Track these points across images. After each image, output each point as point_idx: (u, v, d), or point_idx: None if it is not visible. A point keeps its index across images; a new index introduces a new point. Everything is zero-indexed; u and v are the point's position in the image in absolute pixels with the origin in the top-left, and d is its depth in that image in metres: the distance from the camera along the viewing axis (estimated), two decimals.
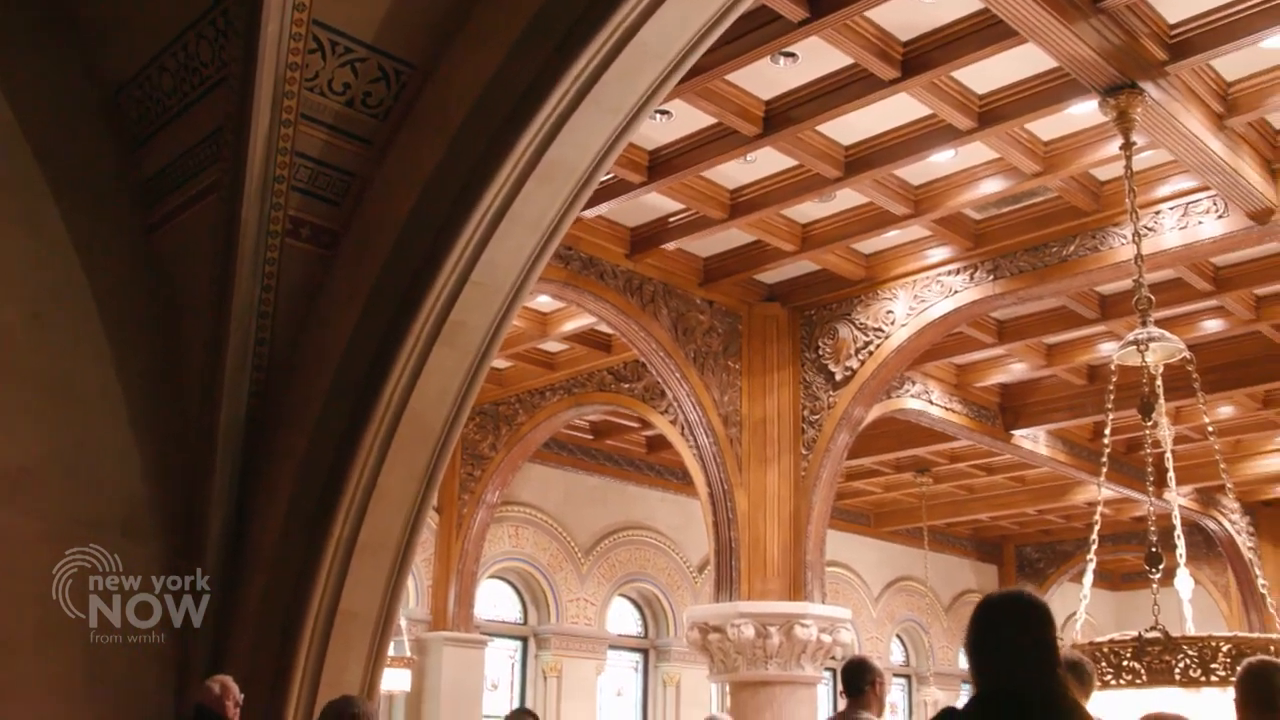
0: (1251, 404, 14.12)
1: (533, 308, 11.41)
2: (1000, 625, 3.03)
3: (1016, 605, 3.06)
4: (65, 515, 5.93)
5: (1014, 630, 2.99)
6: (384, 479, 5.98)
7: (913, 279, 10.23)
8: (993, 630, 3.02)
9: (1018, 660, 2.96)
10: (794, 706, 10.13)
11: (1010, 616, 3.03)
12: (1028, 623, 3.01)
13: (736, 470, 10.54)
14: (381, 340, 5.82)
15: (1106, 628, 20.88)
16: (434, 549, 13.80)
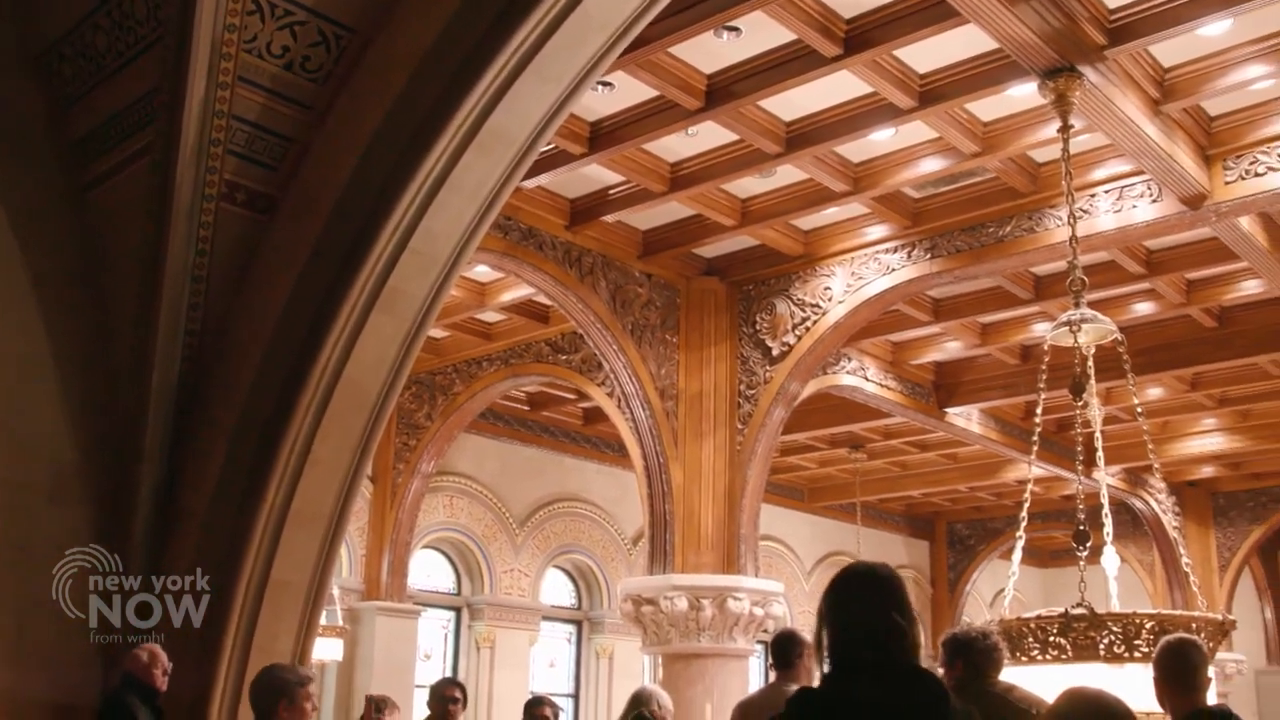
0: (1180, 386, 14.35)
1: (471, 277, 11.36)
2: (856, 597, 3.09)
3: (872, 578, 3.13)
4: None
5: (867, 602, 3.06)
6: (318, 447, 5.93)
7: (851, 256, 10.28)
8: (850, 602, 3.09)
9: (871, 631, 3.02)
10: (726, 678, 10.19)
11: (867, 589, 3.10)
12: (882, 595, 3.07)
13: (672, 443, 10.57)
14: (317, 307, 5.76)
15: (1034, 604, 21.20)
16: (368, 518, 13.73)
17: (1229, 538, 19.80)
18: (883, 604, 3.06)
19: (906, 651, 3.02)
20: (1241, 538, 19.73)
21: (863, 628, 3.04)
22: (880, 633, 3.02)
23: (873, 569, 3.17)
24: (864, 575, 3.15)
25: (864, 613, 3.06)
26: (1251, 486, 19.69)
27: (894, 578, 3.13)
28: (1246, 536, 19.71)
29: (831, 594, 3.13)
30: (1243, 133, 8.58)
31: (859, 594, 3.10)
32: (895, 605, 3.06)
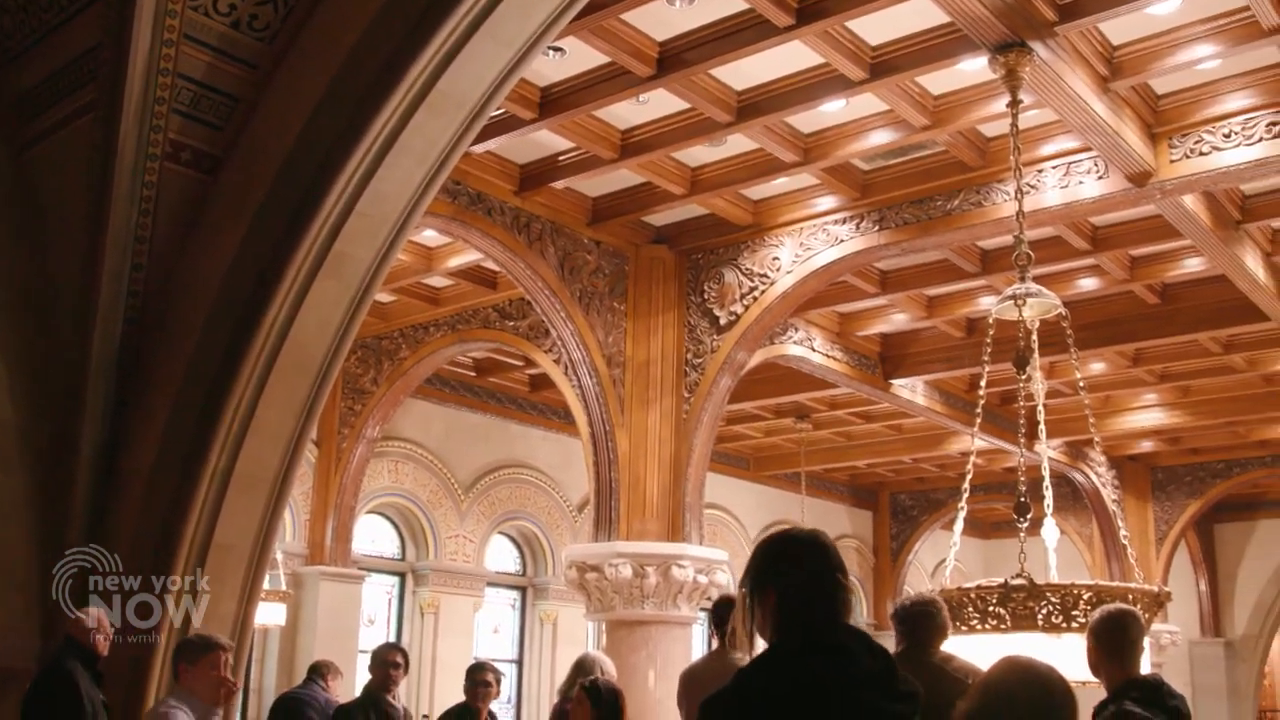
0: (1122, 362, 14.51)
1: (418, 242, 11.28)
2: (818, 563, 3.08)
3: (824, 543, 3.13)
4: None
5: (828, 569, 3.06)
6: (262, 411, 5.89)
7: (799, 226, 10.30)
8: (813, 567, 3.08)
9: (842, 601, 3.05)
10: (669, 646, 10.24)
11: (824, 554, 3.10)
12: (836, 562, 3.08)
13: (618, 411, 10.57)
14: (262, 269, 5.71)
15: (975, 574, 21.50)
16: (312, 483, 13.66)
17: (1166, 511, 20.12)
18: (838, 570, 3.05)
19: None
20: (1179, 512, 20.05)
21: (830, 598, 3.03)
22: (843, 602, 3.02)
23: (819, 534, 3.15)
24: (817, 541, 3.12)
25: (829, 581, 3.04)
26: (1189, 461, 20.00)
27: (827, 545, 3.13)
28: (1183, 511, 20.03)
29: (788, 560, 3.10)
30: (1189, 111, 8.66)
31: (820, 560, 3.08)
32: (844, 572, 3.05)
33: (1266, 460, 19.61)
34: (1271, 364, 14.90)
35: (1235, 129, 8.40)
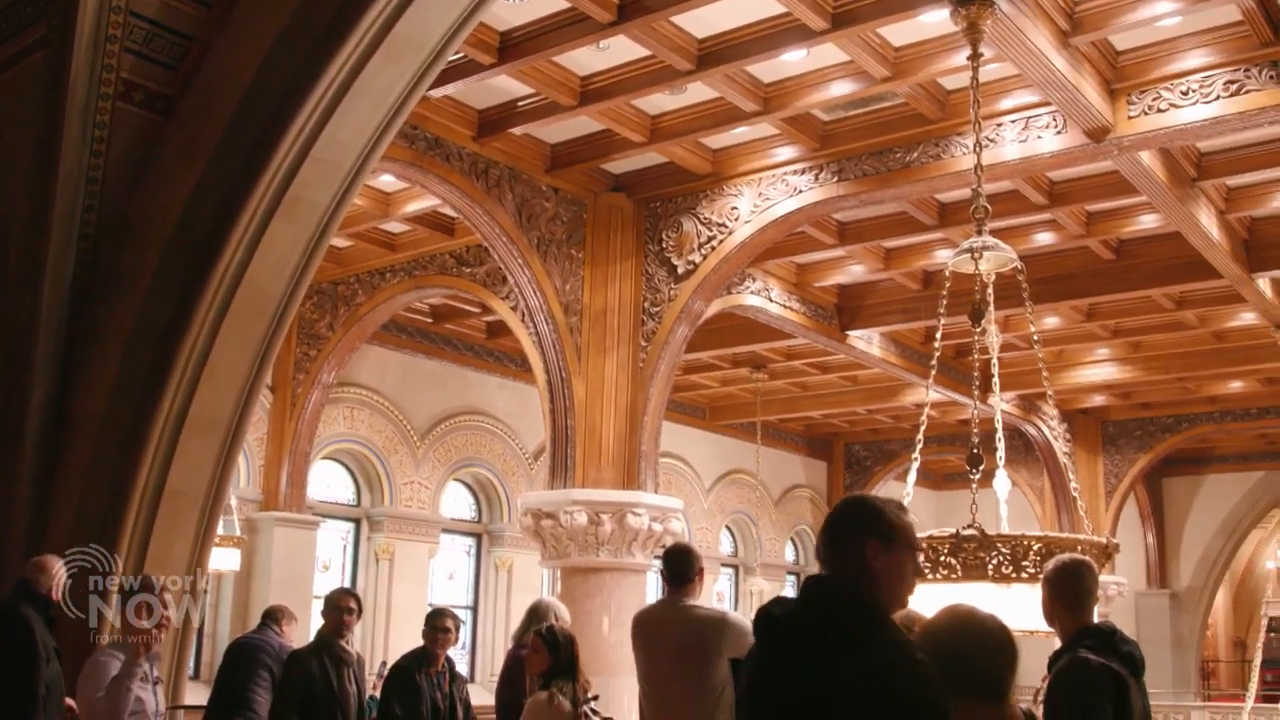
0: (1076, 316, 14.63)
1: (375, 186, 11.19)
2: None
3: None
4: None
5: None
6: (216, 355, 5.85)
7: (758, 176, 10.28)
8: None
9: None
10: (623, 593, 10.30)
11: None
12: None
13: (575, 359, 10.56)
14: (217, 212, 5.65)
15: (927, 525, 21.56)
16: (267, 428, 13.60)
17: (1116, 465, 20.39)
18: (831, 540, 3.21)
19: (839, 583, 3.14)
20: (1128, 465, 20.32)
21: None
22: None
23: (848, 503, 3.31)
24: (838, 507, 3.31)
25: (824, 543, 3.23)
26: (1140, 416, 20.26)
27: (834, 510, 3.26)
28: (1133, 464, 20.31)
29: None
30: (1148, 68, 8.68)
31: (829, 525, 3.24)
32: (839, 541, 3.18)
33: (1215, 416, 19.89)
34: (1222, 321, 15.07)
35: (1193, 87, 8.44)
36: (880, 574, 3.13)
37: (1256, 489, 23.49)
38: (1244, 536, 24.87)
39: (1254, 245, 11.90)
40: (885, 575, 3.13)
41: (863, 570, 3.12)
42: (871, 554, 3.12)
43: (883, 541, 3.14)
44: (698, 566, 6.40)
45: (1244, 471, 23.54)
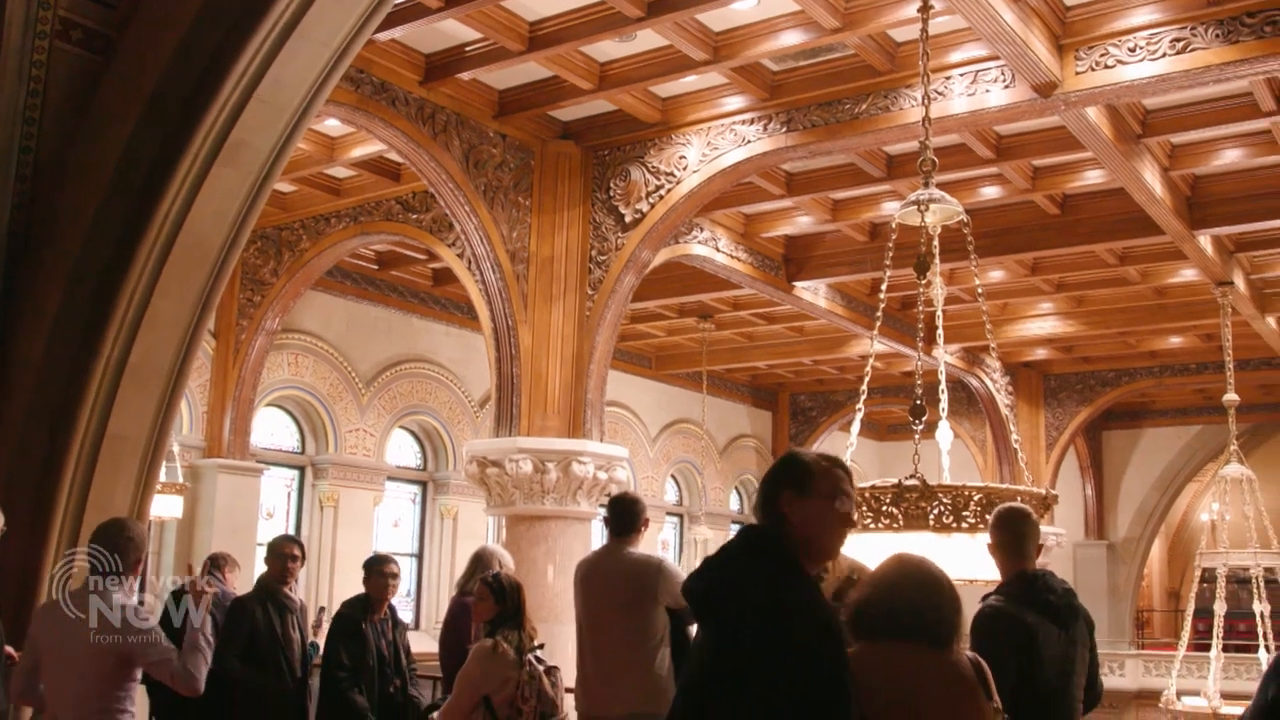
0: (1020, 270, 14.74)
1: (320, 131, 11.06)
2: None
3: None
4: None
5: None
6: (157, 300, 5.77)
7: (707, 126, 10.25)
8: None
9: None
10: (568, 541, 10.33)
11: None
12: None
13: (521, 307, 10.53)
14: (157, 156, 5.55)
15: (870, 475, 21.86)
16: (209, 375, 13.49)
17: (1057, 418, 20.64)
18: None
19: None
20: (1069, 418, 20.58)
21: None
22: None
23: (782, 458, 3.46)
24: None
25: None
26: (1081, 370, 20.50)
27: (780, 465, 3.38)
28: (1073, 417, 20.57)
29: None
30: (1096, 24, 8.71)
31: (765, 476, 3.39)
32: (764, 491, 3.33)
33: (1155, 370, 20.15)
34: (1164, 277, 15.24)
35: (1140, 43, 8.47)
36: (795, 523, 3.23)
37: (1193, 443, 23.87)
38: (1180, 489, 25.31)
39: (1196, 203, 12.02)
40: (800, 524, 3.23)
41: (779, 519, 3.24)
42: (785, 503, 3.24)
43: (796, 491, 3.25)
44: (642, 517, 6.45)
45: (1181, 426, 23.92)
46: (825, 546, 3.34)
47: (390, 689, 7.66)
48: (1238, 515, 13.21)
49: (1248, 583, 13.37)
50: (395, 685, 7.69)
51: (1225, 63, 8.21)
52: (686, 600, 3.32)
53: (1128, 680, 21.91)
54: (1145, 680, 21.66)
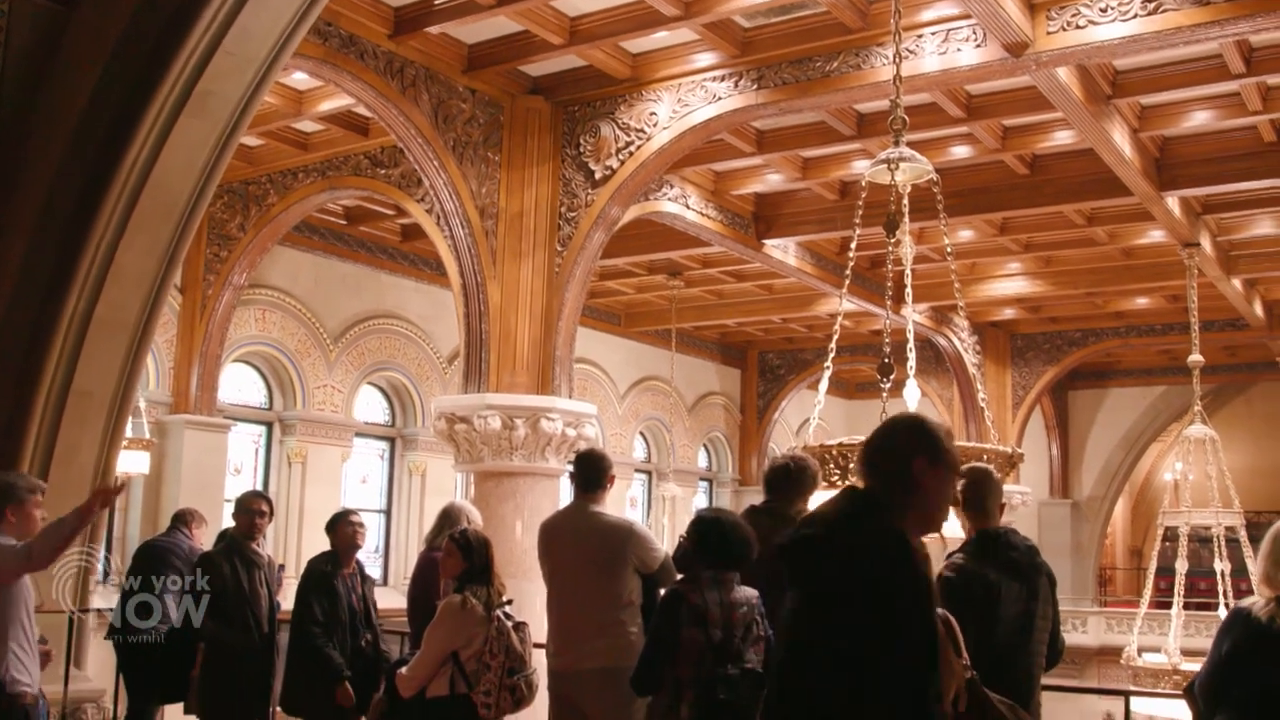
0: (989, 230, 14.78)
1: (287, 84, 10.95)
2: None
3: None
4: None
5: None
6: (122, 254, 5.73)
7: (678, 82, 10.19)
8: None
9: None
10: (537, 497, 10.34)
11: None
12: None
13: (490, 263, 10.49)
14: (122, 107, 5.50)
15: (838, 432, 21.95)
16: (176, 330, 13.41)
17: (1024, 377, 20.77)
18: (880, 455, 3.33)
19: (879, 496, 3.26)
20: (1035, 378, 20.71)
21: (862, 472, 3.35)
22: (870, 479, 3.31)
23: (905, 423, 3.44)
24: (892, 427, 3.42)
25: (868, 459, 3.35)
26: (1048, 329, 20.63)
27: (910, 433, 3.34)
28: (1040, 377, 20.70)
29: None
30: None
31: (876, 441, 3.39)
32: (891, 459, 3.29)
33: (1120, 331, 20.30)
34: (1131, 238, 15.33)
35: (1111, 4, 8.46)
36: (928, 491, 3.24)
37: (1158, 403, 24.08)
38: (1144, 449, 25.56)
39: (1165, 164, 12.07)
40: (930, 494, 3.24)
41: (909, 486, 3.22)
42: (920, 470, 3.22)
43: (930, 460, 3.24)
44: (609, 473, 6.47)
45: (1146, 386, 24.11)
46: (940, 518, 3.33)
47: (362, 643, 7.68)
48: (1200, 475, 13.34)
49: (1209, 541, 13.53)
50: (367, 640, 7.72)
51: (1196, 24, 8.22)
52: (784, 561, 3.25)
53: (1090, 637, 22.18)
54: (1107, 637, 21.93)
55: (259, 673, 7.62)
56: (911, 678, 3.04)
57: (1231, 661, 4.62)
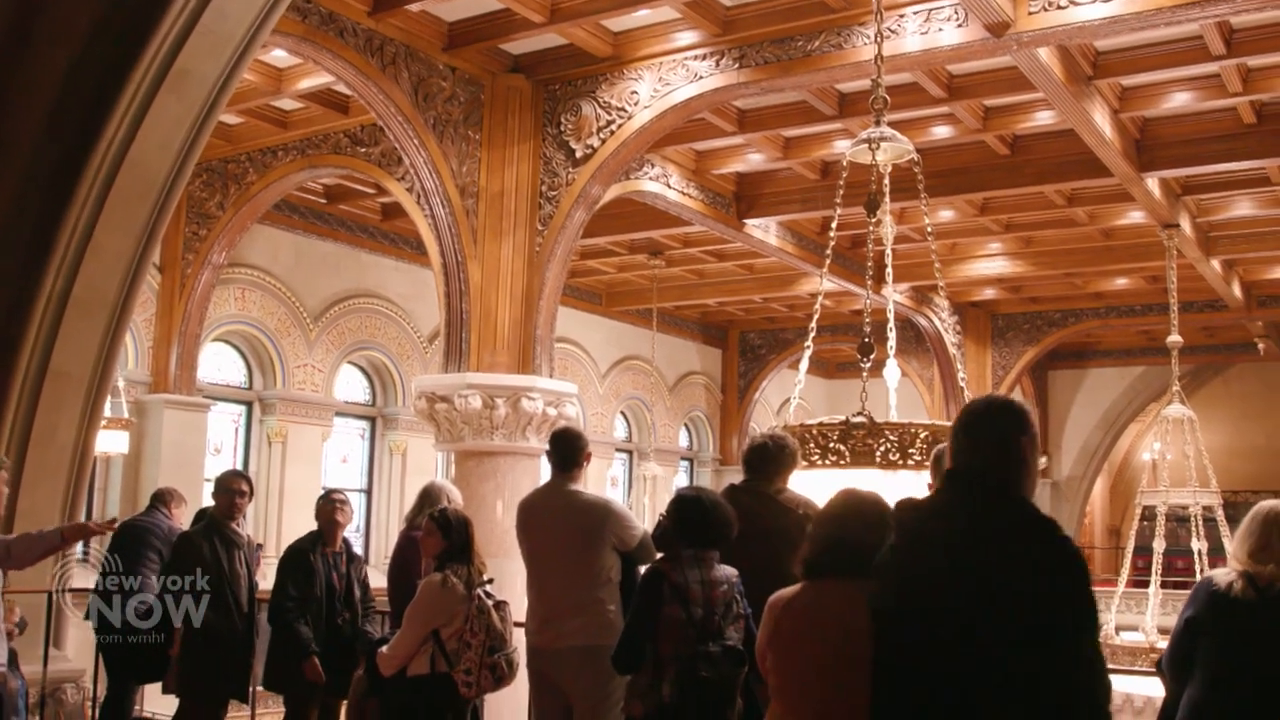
0: (970, 210, 14.79)
1: (267, 62, 10.88)
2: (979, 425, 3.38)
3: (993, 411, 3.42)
4: None
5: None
6: (100, 234, 5.70)
7: (659, 61, 10.17)
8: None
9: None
10: (517, 477, 10.34)
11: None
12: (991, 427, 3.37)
13: (471, 242, 10.46)
14: (99, 85, 5.45)
15: (818, 412, 22.03)
16: (155, 309, 13.35)
17: (1004, 357, 20.83)
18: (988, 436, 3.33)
19: (997, 478, 3.28)
20: (1016, 358, 20.78)
21: (969, 455, 3.34)
22: (980, 461, 3.31)
23: (1003, 403, 3.46)
24: (991, 407, 3.43)
25: (976, 441, 3.34)
26: (1028, 310, 20.69)
27: (1011, 412, 3.38)
28: (1020, 357, 20.77)
29: (960, 418, 3.43)
30: None
31: (982, 423, 3.37)
32: (999, 439, 3.31)
33: (1100, 311, 20.37)
34: (1111, 219, 15.37)
35: None
36: (1031, 468, 3.34)
37: (1137, 383, 24.19)
38: (1123, 429, 25.67)
39: (1145, 145, 12.10)
40: (1031, 470, 3.34)
41: (1020, 465, 3.31)
42: (1026, 448, 3.32)
43: (1029, 438, 3.35)
44: (584, 451, 6.49)
45: (1125, 366, 24.21)
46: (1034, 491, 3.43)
47: (339, 620, 7.68)
48: (1178, 455, 13.42)
49: (1186, 521, 13.60)
50: (344, 618, 7.72)
51: (1177, 5, 8.23)
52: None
53: None
54: None
55: (238, 652, 7.62)
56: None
57: (1191, 630, 4.65)
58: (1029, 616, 3.08)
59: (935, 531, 3.30)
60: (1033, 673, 3.06)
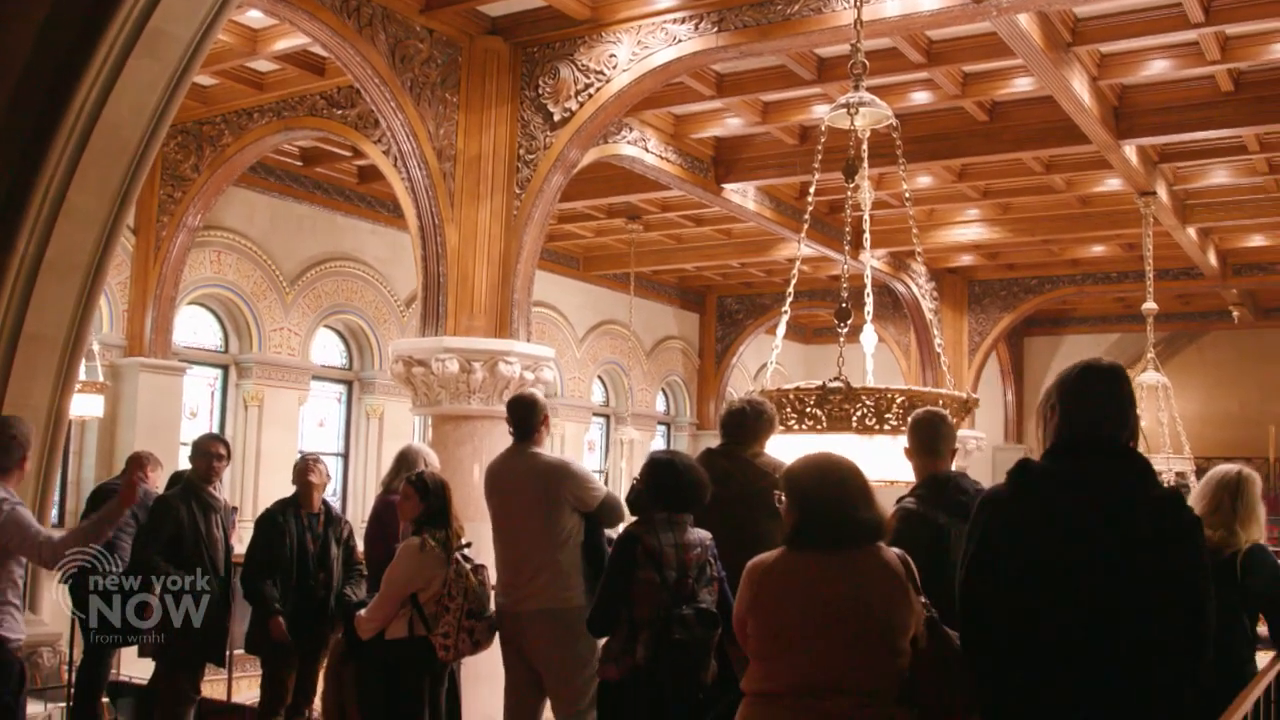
0: (948, 176, 14.80)
1: (242, 22, 10.79)
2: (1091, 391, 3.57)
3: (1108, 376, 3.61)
4: None
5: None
6: (73, 195, 5.65)
7: (638, 24, 10.11)
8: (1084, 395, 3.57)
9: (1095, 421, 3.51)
10: (494, 441, 10.30)
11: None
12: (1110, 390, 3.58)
13: (448, 205, 10.42)
14: (71, 46, 5.40)
15: (795, 377, 22.09)
16: (130, 272, 13.28)
17: (980, 323, 20.90)
18: (1108, 399, 3.52)
19: (1119, 439, 3.49)
20: (992, 324, 20.85)
21: (1089, 417, 3.50)
22: (1101, 422, 3.48)
23: (1111, 368, 3.63)
24: (1102, 372, 3.62)
25: (1094, 405, 3.53)
26: (1005, 276, 20.74)
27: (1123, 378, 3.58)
28: (997, 323, 20.84)
29: (1065, 385, 3.58)
30: None
31: (1094, 389, 3.55)
32: (1118, 400, 3.53)
33: (1076, 278, 20.44)
34: (1088, 186, 15.40)
35: None
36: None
37: (1112, 350, 24.27)
38: None
39: (1123, 113, 12.11)
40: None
41: (1132, 435, 3.57)
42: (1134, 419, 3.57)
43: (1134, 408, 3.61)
44: (541, 416, 6.56)
45: (1101, 333, 24.32)
46: None
47: (311, 583, 7.71)
48: (1152, 421, 13.50)
49: None
50: (319, 579, 7.74)
51: None
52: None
53: None
54: None
55: (214, 616, 7.62)
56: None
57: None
58: (1167, 586, 3.26)
59: (1069, 498, 3.40)
60: (1164, 641, 3.24)
